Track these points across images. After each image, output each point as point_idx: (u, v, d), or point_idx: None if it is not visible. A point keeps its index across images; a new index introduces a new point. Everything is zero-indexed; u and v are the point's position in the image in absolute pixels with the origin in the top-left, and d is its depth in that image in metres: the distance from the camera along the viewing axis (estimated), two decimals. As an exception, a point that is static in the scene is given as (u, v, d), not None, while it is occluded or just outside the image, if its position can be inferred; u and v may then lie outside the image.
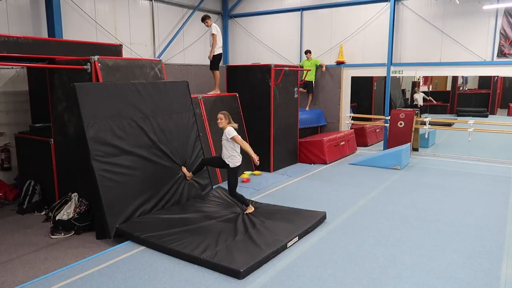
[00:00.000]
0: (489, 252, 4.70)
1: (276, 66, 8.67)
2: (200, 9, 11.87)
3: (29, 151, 6.75)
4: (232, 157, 5.62)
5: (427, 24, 10.00)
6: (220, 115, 5.64)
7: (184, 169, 6.13)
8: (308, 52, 11.25)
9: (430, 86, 15.69)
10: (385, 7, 10.33)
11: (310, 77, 11.13)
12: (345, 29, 11.02)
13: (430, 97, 14.33)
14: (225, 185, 7.53)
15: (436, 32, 9.91)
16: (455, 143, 11.98)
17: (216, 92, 8.53)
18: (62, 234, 5.33)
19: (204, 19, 8.56)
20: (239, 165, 5.72)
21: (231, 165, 5.64)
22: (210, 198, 6.27)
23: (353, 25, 10.88)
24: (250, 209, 5.72)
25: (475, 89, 16.78)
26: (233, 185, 5.67)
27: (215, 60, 8.49)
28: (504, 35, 9.18)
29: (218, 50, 8.44)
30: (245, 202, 5.77)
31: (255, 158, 5.56)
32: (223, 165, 5.73)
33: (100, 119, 5.21)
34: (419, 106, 14.31)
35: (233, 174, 5.68)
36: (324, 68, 11.27)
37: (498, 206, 6.35)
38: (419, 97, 14.46)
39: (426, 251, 4.72)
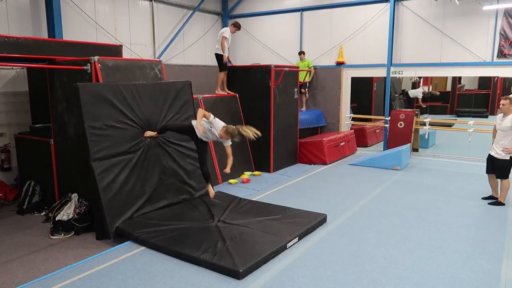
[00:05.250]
0: (489, 252, 4.70)
1: (276, 66, 8.67)
2: (200, 9, 11.87)
3: (29, 152, 6.75)
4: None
5: (427, 25, 10.00)
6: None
7: (148, 132, 5.77)
8: (302, 53, 11.24)
9: (430, 87, 15.70)
10: (385, 7, 10.34)
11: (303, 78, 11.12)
12: (345, 29, 11.02)
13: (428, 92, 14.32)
14: (224, 186, 7.56)
15: (436, 33, 9.91)
16: (455, 143, 11.98)
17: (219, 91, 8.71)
18: (62, 234, 5.32)
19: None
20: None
21: (205, 139, 5.70)
22: (210, 199, 6.26)
23: (353, 25, 10.88)
24: (211, 191, 6.01)
25: (475, 89, 16.80)
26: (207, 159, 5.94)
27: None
28: (504, 35, 9.18)
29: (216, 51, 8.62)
30: (209, 179, 5.98)
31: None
32: (194, 136, 5.67)
33: (101, 119, 5.21)
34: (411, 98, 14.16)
35: (207, 149, 5.95)
36: (312, 73, 11.26)
37: (497, 206, 6.34)
38: (413, 93, 14.31)
39: (426, 251, 4.72)
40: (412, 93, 14.00)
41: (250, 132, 5.38)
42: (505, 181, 6.26)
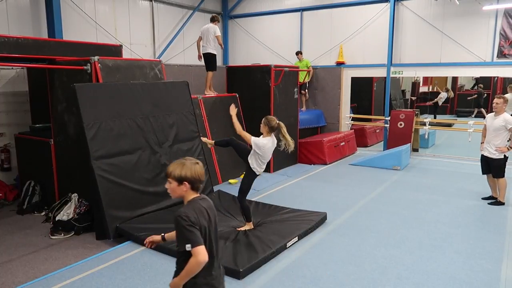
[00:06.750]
0: (489, 252, 4.70)
1: (276, 66, 8.67)
2: (200, 9, 11.87)
3: (29, 152, 6.75)
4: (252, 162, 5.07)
5: (427, 25, 10.00)
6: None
7: (204, 139, 5.76)
8: (299, 53, 11.21)
9: (430, 87, 15.73)
10: (385, 7, 10.33)
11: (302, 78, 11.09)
12: (345, 29, 11.02)
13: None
14: (224, 186, 7.56)
15: (436, 33, 9.91)
16: (455, 143, 11.98)
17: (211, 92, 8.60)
18: (62, 234, 5.32)
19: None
20: (256, 172, 5.08)
21: (250, 165, 5.05)
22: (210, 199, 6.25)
23: (353, 25, 10.88)
24: (249, 226, 5.19)
25: (475, 89, 16.81)
26: (244, 189, 5.10)
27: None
28: (504, 35, 9.18)
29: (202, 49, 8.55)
30: (248, 216, 5.18)
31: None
32: (245, 158, 5.12)
33: (100, 120, 5.21)
34: (439, 104, 14.77)
35: (246, 177, 5.15)
36: (311, 73, 11.20)
37: (497, 206, 6.34)
38: (443, 96, 14.86)
39: (426, 251, 4.72)
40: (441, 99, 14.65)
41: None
42: (501, 180, 6.26)
